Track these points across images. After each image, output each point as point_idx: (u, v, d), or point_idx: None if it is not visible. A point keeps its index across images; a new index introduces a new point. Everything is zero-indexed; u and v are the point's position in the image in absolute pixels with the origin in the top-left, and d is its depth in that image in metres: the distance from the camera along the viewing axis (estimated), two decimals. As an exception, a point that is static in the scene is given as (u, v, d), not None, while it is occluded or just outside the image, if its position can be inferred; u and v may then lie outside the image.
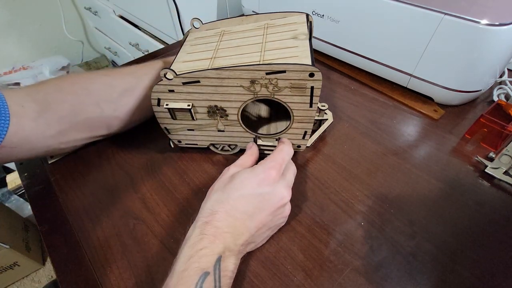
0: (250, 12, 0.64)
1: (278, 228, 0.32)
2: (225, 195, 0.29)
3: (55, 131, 0.35)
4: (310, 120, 0.34)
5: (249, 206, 0.28)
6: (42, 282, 1.05)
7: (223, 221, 0.27)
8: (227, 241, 0.26)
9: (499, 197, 0.35)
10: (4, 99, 0.32)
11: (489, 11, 0.36)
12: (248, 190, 0.29)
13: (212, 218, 0.27)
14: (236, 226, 0.28)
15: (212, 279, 0.24)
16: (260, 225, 0.29)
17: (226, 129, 0.36)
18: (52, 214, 0.36)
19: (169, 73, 0.31)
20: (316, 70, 0.29)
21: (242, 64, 0.31)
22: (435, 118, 0.44)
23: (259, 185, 0.29)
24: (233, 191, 0.29)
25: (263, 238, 0.31)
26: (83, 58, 1.67)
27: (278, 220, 0.31)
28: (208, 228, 0.27)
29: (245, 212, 0.28)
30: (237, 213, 0.28)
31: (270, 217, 0.29)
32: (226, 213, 0.28)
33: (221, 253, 0.25)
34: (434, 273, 0.29)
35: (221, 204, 0.28)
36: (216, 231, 0.27)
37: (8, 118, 0.31)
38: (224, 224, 0.27)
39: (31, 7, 1.38)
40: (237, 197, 0.28)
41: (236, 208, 0.28)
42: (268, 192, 0.29)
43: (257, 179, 0.29)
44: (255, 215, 0.28)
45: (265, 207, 0.29)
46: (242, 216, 0.28)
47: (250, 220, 0.28)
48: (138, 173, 0.39)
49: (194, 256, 0.25)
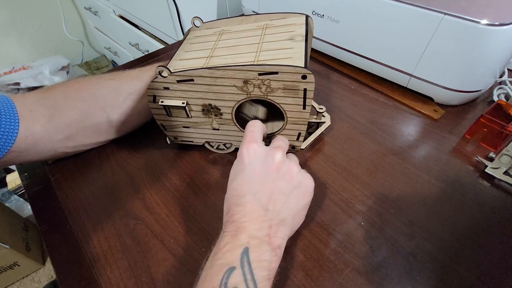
0: (250, 12, 0.64)
1: (302, 193, 0.29)
2: (228, 192, 0.28)
3: (63, 136, 0.36)
4: (304, 121, 0.34)
5: (248, 185, 0.27)
6: (42, 282, 1.05)
7: (237, 213, 0.26)
8: (249, 229, 0.25)
9: (499, 197, 0.35)
10: (14, 104, 0.32)
11: (489, 11, 0.36)
12: (238, 173, 0.28)
13: (228, 216, 0.27)
14: (250, 211, 0.26)
15: (240, 272, 0.22)
16: (269, 195, 0.27)
17: (220, 127, 0.37)
18: (52, 214, 0.36)
19: (164, 71, 0.31)
20: (308, 73, 0.29)
21: (235, 64, 0.31)
22: (435, 118, 0.44)
23: (242, 162, 0.28)
24: (230, 184, 0.29)
25: (290, 209, 0.27)
26: (83, 58, 1.67)
27: (289, 182, 0.28)
28: (229, 226, 0.26)
29: (249, 193, 0.27)
30: (243, 199, 0.27)
31: (274, 182, 0.27)
32: (235, 205, 0.27)
33: (245, 245, 0.24)
34: (434, 273, 0.29)
35: (229, 201, 0.28)
36: (236, 225, 0.25)
37: (17, 124, 0.32)
38: (239, 216, 0.26)
39: (31, 7, 1.38)
40: (235, 186, 0.28)
41: (240, 195, 0.27)
42: (256, 162, 0.28)
43: (239, 159, 0.29)
44: (258, 190, 0.27)
45: (263, 176, 0.27)
46: (248, 198, 0.27)
47: (257, 197, 0.27)
48: (138, 173, 0.39)
49: (218, 253, 0.24)
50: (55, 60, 1.36)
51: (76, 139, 0.38)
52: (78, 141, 0.38)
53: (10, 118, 0.31)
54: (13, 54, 1.42)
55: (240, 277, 0.22)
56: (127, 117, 0.39)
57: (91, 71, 1.62)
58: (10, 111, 0.32)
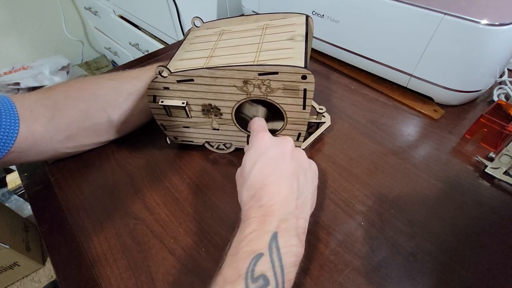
0: (250, 12, 0.64)
1: (313, 175, 0.29)
2: (249, 180, 0.27)
3: (63, 136, 0.36)
4: (304, 122, 0.34)
5: (270, 167, 0.27)
6: (42, 282, 1.05)
7: (264, 196, 0.25)
8: (278, 213, 0.24)
9: (499, 197, 0.35)
10: (14, 105, 0.32)
11: (489, 11, 0.36)
12: (257, 160, 0.28)
13: (254, 201, 0.25)
14: (278, 192, 0.25)
15: (268, 259, 0.22)
16: (292, 174, 0.27)
17: (220, 127, 0.37)
18: (52, 214, 0.36)
19: (164, 71, 0.31)
20: (308, 73, 0.29)
21: (235, 64, 0.31)
22: (435, 118, 0.44)
23: (259, 149, 0.29)
24: (249, 173, 0.28)
25: (308, 189, 0.28)
26: (83, 58, 1.67)
27: (303, 165, 0.29)
28: (255, 211, 0.25)
29: (273, 173, 0.26)
30: (268, 180, 0.26)
31: (291, 164, 0.27)
32: (261, 188, 0.26)
33: (274, 230, 0.23)
34: (434, 273, 0.29)
35: (253, 186, 0.27)
36: (264, 210, 0.24)
37: (17, 124, 0.32)
38: (267, 198, 0.25)
39: (31, 7, 1.38)
40: (257, 171, 0.27)
41: (265, 177, 0.26)
42: (272, 147, 0.28)
43: (255, 148, 0.29)
44: (281, 169, 0.27)
45: (281, 158, 0.28)
46: (274, 178, 0.26)
47: (282, 176, 0.26)
48: (138, 173, 0.39)
49: (243, 241, 0.23)
50: (55, 60, 1.36)
51: (77, 139, 0.38)
52: (78, 141, 0.38)
53: (10, 118, 0.31)
54: (13, 54, 1.42)
55: (268, 264, 0.22)
56: (127, 117, 0.39)
57: (91, 71, 1.62)
58: (11, 111, 0.32)
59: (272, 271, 0.21)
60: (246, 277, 0.21)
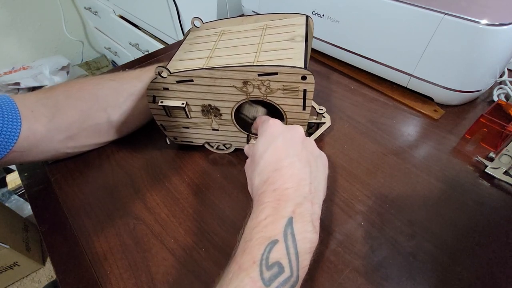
0: (250, 12, 0.64)
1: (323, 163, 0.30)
2: (262, 163, 0.27)
3: (64, 136, 0.36)
4: (304, 122, 0.34)
5: (284, 150, 0.27)
6: (42, 282, 1.05)
7: (279, 179, 0.25)
8: (293, 196, 0.24)
9: (499, 197, 0.35)
10: (16, 105, 0.32)
11: (489, 11, 0.36)
12: (270, 143, 0.27)
13: (267, 185, 0.25)
14: (292, 175, 0.25)
15: (283, 246, 0.21)
16: (305, 158, 0.27)
17: (220, 128, 0.37)
18: (52, 214, 0.36)
19: (163, 72, 0.31)
20: (308, 73, 0.29)
21: (234, 64, 0.31)
22: (435, 118, 0.44)
23: (272, 134, 0.28)
24: (262, 157, 0.27)
25: (320, 175, 0.28)
26: (83, 58, 1.67)
27: (313, 151, 0.29)
28: (268, 195, 0.24)
29: (288, 156, 0.26)
30: (282, 163, 0.26)
31: (303, 150, 0.27)
32: (275, 171, 0.25)
33: (290, 215, 0.22)
34: (434, 273, 0.29)
35: (266, 169, 0.26)
36: (278, 194, 0.24)
37: (19, 123, 0.32)
38: (281, 182, 0.24)
39: (31, 7, 1.38)
40: (270, 153, 0.27)
41: (279, 160, 0.26)
42: (284, 132, 0.28)
43: (267, 133, 0.29)
44: (295, 153, 0.26)
45: (294, 143, 0.27)
46: (289, 161, 0.26)
47: (296, 159, 0.26)
48: (138, 173, 0.39)
49: (258, 227, 0.22)
50: (55, 60, 1.36)
51: (77, 139, 0.38)
52: (79, 141, 0.38)
53: (12, 117, 0.31)
54: (13, 54, 1.43)
55: (283, 251, 0.21)
56: (128, 118, 0.39)
57: (91, 71, 1.62)
58: (13, 111, 0.32)
59: (287, 258, 0.21)
60: (261, 264, 0.21)
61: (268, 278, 0.20)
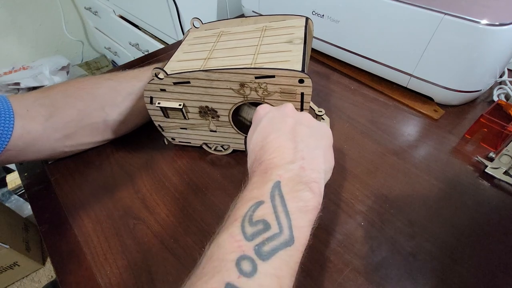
0: (250, 13, 0.64)
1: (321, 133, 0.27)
2: (251, 146, 0.27)
3: (61, 135, 0.36)
4: None
5: (270, 126, 0.26)
6: (42, 282, 1.05)
7: (265, 153, 0.24)
8: (281, 163, 0.23)
9: (499, 197, 0.35)
10: (10, 103, 0.33)
11: (489, 11, 0.36)
12: (257, 125, 0.27)
13: (255, 161, 0.25)
14: (279, 146, 0.24)
15: (270, 205, 0.20)
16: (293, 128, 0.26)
17: (218, 129, 0.37)
18: (52, 214, 0.36)
19: (160, 73, 0.31)
20: (305, 77, 0.29)
21: (231, 66, 0.31)
22: (435, 118, 0.44)
23: (259, 116, 0.28)
24: (250, 140, 0.27)
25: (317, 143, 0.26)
26: (83, 58, 1.67)
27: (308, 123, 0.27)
28: (256, 170, 0.23)
29: (272, 131, 0.26)
30: (268, 139, 0.25)
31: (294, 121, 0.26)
32: (261, 148, 0.25)
33: (277, 178, 0.21)
34: (434, 273, 0.29)
35: (254, 150, 0.26)
36: (265, 165, 0.23)
37: (12, 122, 0.32)
38: (268, 154, 0.24)
39: (31, 7, 1.38)
40: (257, 135, 0.27)
41: (264, 137, 0.25)
42: (272, 111, 0.28)
43: (255, 117, 0.29)
44: (281, 127, 0.26)
45: (282, 118, 0.27)
46: (274, 135, 0.25)
47: (282, 132, 0.25)
48: (138, 173, 0.39)
49: (244, 193, 0.22)
50: (55, 60, 1.36)
51: (75, 138, 0.38)
52: (76, 140, 0.38)
53: (5, 116, 0.31)
54: (13, 54, 1.42)
55: (269, 209, 0.20)
56: (126, 117, 0.39)
57: (91, 71, 1.62)
58: (6, 109, 0.32)
59: (273, 215, 0.19)
60: (243, 220, 0.19)
61: (251, 233, 0.19)
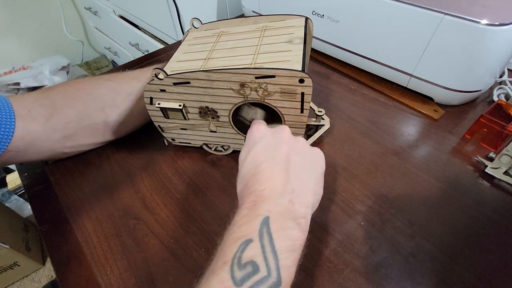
0: (250, 12, 0.64)
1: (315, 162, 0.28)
2: (242, 170, 0.27)
3: (61, 136, 0.36)
4: (302, 125, 0.34)
5: (263, 154, 0.26)
6: (42, 282, 1.05)
7: (256, 183, 0.24)
8: (270, 197, 0.22)
9: (499, 197, 0.35)
10: (11, 104, 0.32)
11: (489, 11, 0.36)
12: (251, 149, 0.27)
13: (246, 190, 0.24)
14: (270, 177, 0.24)
15: (258, 245, 0.20)
16: (286, 158, 0.25)
17: (218, 130, 0.37)
18: (52, 214, 0.36)
19: (160, 73, 0.31)
20: (306, 76, 0.29)
21: (231, 66, 0.30)
22: (435, 118, 0.44)
23: (253, 138, 0.28)
24: (243, 163, 0.27)
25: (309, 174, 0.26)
26: (83, 58, 1.67)
27: (301, 151, 0.27)
28: (246, 199, 0.23)
29: (265, 160, 0.25)
30: (260, 167, 0.25)
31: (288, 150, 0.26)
32: (252, 176, 0.25)
33: (266, 214, 0.21)
34: (434, 273, 0.29)
35: (245, 176, 0.26)
36: (255, 196, 0.23)
37: (13, 123, 0.32)
38: (258, 184, 0.24)
39: (31, 7, 1.38)
40: (250, 160, 0.27)
41: (257, 165, 0.25)
42: (267, 135, 0.28)
43: (249, 138, 0.29)
44: (274, 155, 0.26)
45: (276, 145, 0.27)
46: (266, 164, 0.25)
47: (275, 162, 0.25)
48: (138, 173, 0.39)
49: (232, 228, 0.22)
50: (55, 60, 1.36)
51: (75, 139, 0.38)
52: (76, 141, 0.38)
53: (6, 117, 0.31)
54: (13, 54, 1.42)
55: (258, 249, 0.19)
56: (126, 118, 0.39)
57: (91, 71, 1.62)
58: (7, 110, 0.32)
59: (262, 257, 0.19)
60: (232, 264, 0.19)
61: (241, 278, 0.18)
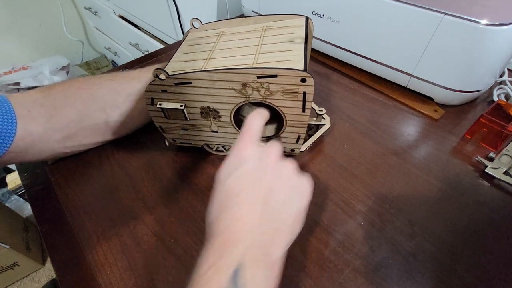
0: (250, 12, 0.64)
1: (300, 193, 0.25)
2: (218, 194, 0.24)
3: (61, 136, 0.36)
4: (303, 124, 0.34)
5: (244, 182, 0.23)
6: (42, 282, 1.05)
7: (229, 218, 0.22)
8: (244, 239, 0.21)
9: (499, 197, 0.35)
10: (11, 105, 0.32)
11: (489, 11, 0.36)
12: (232, 171, 0.24)
13: (216, 224, 0.22)
14: (245, 214, 0.22)
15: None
16: (267, 192, 0.23)
17: (219, 130, 0.37)
18: (52, 214, 0.36)
19: (161, 74, 0.31)
20: (307, 76, 0.29)
21: (233, 66, 0.30)
22: (435, 118, 0.44)
23: (237, 160, 0.25)
24: (222, 184, 0.24)
25: (290, 210, 0.24)
26: (83, 58, 1.67)
27: (287, 180, 0.25)
28: (214, 238, 0.21)
29: (244, 191, 0.23)
30: (237, 199, 0.22)
31: (272, 179, 0.24)
32: (227, 208, 0.22)
33: (237, 262, 0.19)
34: (434, 273, 0.29)
35: (221, 203, 0.23)
36: (225, 236, 0.21)
37: (15, 124, 0.32)
38: (231, 221, 0.21)
39: (31, 7, 1.38)
40: (230, 184, 0.24)
41: (235, 195, 0.23)
42: (252, 159, 0.25)
43: (233, 157, 0.25)
44: (255, 187, 0.23)
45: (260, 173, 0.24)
46: (243, 197, 0.22)
47: (254, 196, 0.23)
48: (138, 173, 0.39)
49: (200, 281, 0.19)
50: (55, 60, 1.36)
51: (75, 139, 0.38)
52: (77, 141, 0.38)
53: (7, 118, 0.31)
54: (13, 54, 1.42)
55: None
56: (126, 118, 0.39)
57: (91, 71, 1.62)
58: (8, 111, 0.32)
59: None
60: None
61: None
